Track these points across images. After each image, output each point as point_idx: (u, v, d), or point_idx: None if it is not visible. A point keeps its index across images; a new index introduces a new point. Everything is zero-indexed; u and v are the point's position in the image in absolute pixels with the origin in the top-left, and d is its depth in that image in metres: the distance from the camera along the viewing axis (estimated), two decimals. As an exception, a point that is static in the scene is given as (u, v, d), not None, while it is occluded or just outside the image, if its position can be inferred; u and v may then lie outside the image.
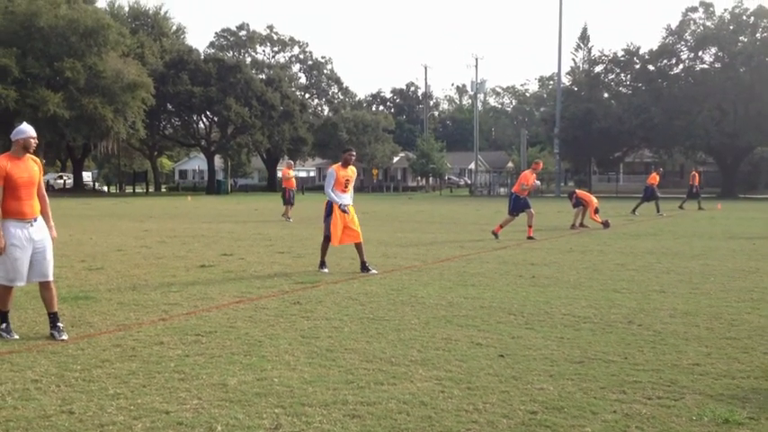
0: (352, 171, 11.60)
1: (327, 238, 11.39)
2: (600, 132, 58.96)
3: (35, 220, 6.66)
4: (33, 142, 6.69)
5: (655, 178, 29.97)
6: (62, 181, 74.89)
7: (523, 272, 11.36)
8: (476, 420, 4.47)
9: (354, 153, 11.82)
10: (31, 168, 6.65)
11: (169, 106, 68.92)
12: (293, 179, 26.28)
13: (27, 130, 6.67)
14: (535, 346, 6.40)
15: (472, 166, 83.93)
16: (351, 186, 11.63)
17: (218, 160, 77.86)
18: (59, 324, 6.76)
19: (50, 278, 6.81)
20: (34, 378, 5.35)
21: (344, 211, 11.27)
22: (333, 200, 11.29)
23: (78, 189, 68.52)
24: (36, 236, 6.64)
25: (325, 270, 11.33)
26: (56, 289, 6.98)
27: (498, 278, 10.67)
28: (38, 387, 5.13)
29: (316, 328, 7.11)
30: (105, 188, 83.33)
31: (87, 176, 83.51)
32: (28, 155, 6.69)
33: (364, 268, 11.24)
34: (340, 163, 11.64)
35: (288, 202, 25.32)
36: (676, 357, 5.99)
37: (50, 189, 68.08)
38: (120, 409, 4.67)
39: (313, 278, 10.68)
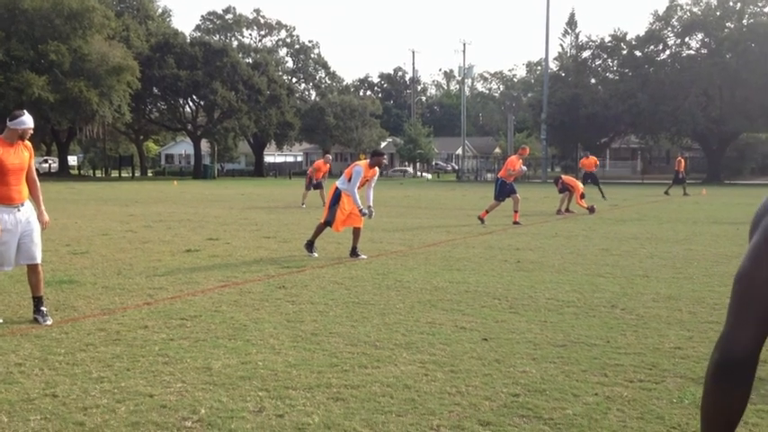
0: (375, 172, 11.58)
1: (328, 224, 11.34)
2: (587, 118, 59.12)
3: (22, 205, 6.65)
4: (29, 133, 6.67)
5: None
6: (47, 165, 74.34)
7: (509, 257, 11.41)
8: (458, 403, 4.50)
9: (386, 159, 11.84)
10: (21, 154, 6.64)
11: (155, 90, 68.41)
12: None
13: (27, 121, 6.58)
14: (519, 329, 6.44)
15: (459, 151, 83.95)
16: (371, 185, 11.64)
17: (204, 145, 77.53)
18: (43, 308, 6.75)
19: (38, 261, 6.80)
20: (17, 362, 5.34)
21: (364, 214, 11.20)
22: (356, 202, 11.17)
23: (63, 173, 68.10)
24: (23, 219, 6.64)
25: (315, 255, 11.31)
26: (42, 273, 6.96)
27: (483, 263, 10.71)
28: (21, 371, 5.12)
29: (300, 312, 7.12)
30: (91, 172, 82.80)
31: (73, 160, 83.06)
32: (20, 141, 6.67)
33: (354, 253, 11.23)
34: (367, 161, 11.55)
35: (311, 187, 24.76)
36: (658, 341, 6.04)
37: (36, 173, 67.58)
38: (104, 392, 4.67)
39: (299, 263, 10.69)
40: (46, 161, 76.29)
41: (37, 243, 6.79)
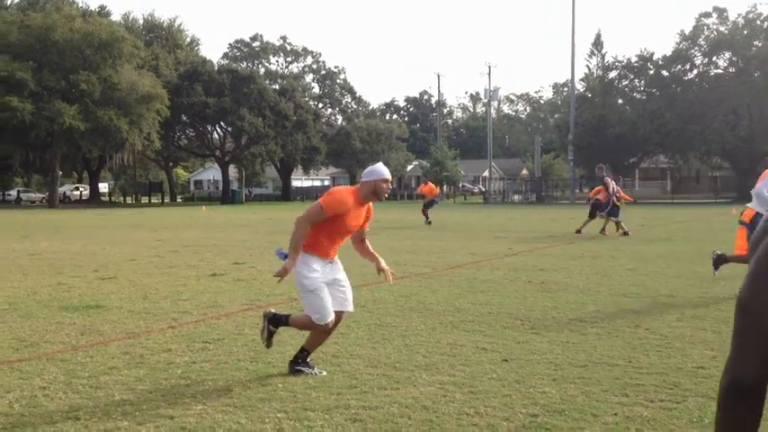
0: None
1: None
2: (614, 138, 58.83)
3: (333, 260, 5.81)
4: (386, 188, 5.74)
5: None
6: (78, 192, 75.49)
7: (533, 278, 11.37)
8: (476, 424, 4.49)
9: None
10: (361, 216, 5.83)
11: (184, 117, 69.36)
12: None
13: (382, 171, 5.72)
14: (540, 350, 6.41)
15: (486, 173, 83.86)
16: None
17: (232, 170, 78.24)
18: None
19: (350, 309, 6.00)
20: (42, 385, 5.42)
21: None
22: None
23: (94, 200, 69.05)
24: (336, 274, 5.83)
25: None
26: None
27: (507, 284, 10.68)
28: (45, 394, 5.20)
29: (322, 335, 7.14)
30: (121, 199, 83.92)
31: (103, 187, 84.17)
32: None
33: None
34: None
35: None
36: (681, 360, 5.99)
37: (67, 200, 68.76)
38: (125, 414, 4.73)
39: (322, 286, 10.72)
40: (77, 188, 77.49)
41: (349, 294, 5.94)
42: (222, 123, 71.21)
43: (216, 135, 75.00)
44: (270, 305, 8.95)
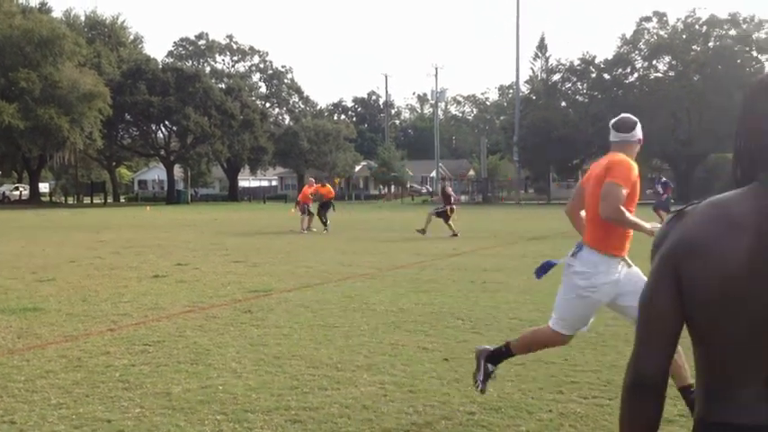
0: None
1: None
2: (558, 140, 59.76)
3: (624, 258, 4.53)
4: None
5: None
6: (18, 192, 73.58)
7: (475, 278, 11.51)
8: (415, 422, 4.57)
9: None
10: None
11: (127, 116, 68.13)
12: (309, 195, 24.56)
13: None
14: (480, 349, 6.51)
15: (434, 174, 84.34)
16: None
17: (177, 170, 77.18)
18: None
19: None
20: (-25, 390, 5.32)
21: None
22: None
23: (35, 200, 67.31)
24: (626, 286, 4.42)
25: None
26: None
27: (450, 284, 10.81)
28: (-21, 398, 5.11)
29: (265, 336, 7.15)
30: (63, 199, 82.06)
31: (44, 187, 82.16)
32: None
33: None
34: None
35: (305, 212, 24.26)
36: (615, 358, 6.15)
37: (6, 201, 66.96)
38: (62, 418, 4.68)
39: (266, 287, 10.70)
40: (17, 188, 75.54)
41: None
42: (167, 122, 70.18)
43: (160, 134, 73.89)
44: (212, 306, 8.92)
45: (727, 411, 1.51)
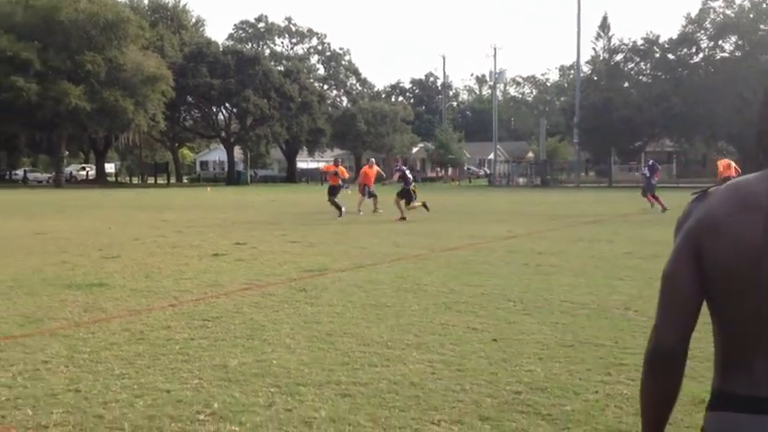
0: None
1: None
2: (620, 122, 58.67)
3: None
4: None
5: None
6: (85, 172, 75.85)
7: (529, 260, 11.51)
8: (461, 400, 4.66)
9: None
10: None
11: (189, 98, 69.44)
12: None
13: None
14: (529, 330, 6.57)
15: (491, 156, 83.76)
16: None
17: (237, 152, 78.36)
18: None
19: None
20: (44, 359, 5.61)
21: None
22: None
23: (101, 180, 69.30)
24: None
25: None
26: None
27: (503, 266, 10.84)
28: (47, 368, 5.39)
29: (318, 314, 7.33)
30: (128, 179, 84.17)
31: (110, 168, 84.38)
32: None
33: None
34: None
35: (365, 194, 23.66)
36: (666, 341, 6.13)
37: (73, 180, 69.03)
38: (125, 387, 4.92)
39: (321, 266, 10.90)
40: (84, 168, 77.82)
41: None
42: (227, 104, 71.27)
43: (221, 116, 75.09)
44: (268, 284, 9.14)
45: (743, 384, 1.58)
